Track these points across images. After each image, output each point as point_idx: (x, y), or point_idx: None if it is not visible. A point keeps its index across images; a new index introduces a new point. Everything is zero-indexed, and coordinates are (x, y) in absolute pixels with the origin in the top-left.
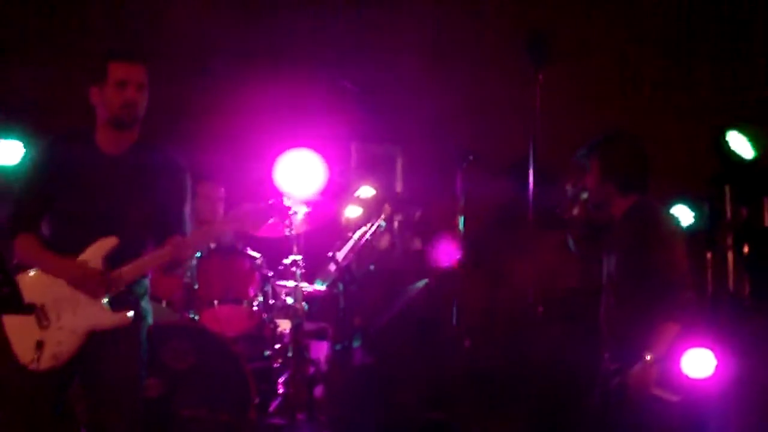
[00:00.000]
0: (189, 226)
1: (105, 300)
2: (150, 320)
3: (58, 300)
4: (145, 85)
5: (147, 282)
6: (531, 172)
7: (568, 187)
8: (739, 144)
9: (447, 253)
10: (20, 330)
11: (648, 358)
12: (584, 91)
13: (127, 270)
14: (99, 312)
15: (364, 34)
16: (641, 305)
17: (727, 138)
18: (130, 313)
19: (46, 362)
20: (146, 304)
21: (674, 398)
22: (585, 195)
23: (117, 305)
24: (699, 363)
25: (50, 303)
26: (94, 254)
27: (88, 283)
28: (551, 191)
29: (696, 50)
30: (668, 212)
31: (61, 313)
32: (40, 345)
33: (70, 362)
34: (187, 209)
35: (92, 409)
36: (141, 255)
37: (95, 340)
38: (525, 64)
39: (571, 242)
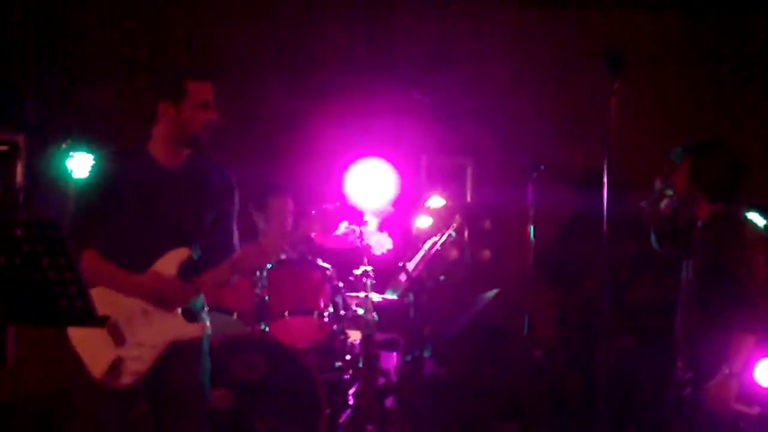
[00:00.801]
0: (237, 241)
1: (179, 312)
2: (210, 330)
3: (131, 316)
4: (211, 101)
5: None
6: (605, 183)
7: (658, 182)
8: None
9: None
10: (93, 347)
11: (726, 371)
12: (659, 103)
13: (206, 278)
14: (177, 324)
15: (436, 45)
16: (718, 314)
17: None
18: (207, 323)
19: (127, 378)
20: (205, 315)
21: (754, 412)
22: (671, 192)
23: (189, 316)
24: None
25: (123, 320)
26: (166, 266)
27: (168, 295)
28: (625, 203)
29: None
30: (752, 222)
31: (137, 329)
32: (117, 362)
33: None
34: (235, 224)
35: (157, 420)
36: (204, 265)
37: (171, 357)
38: (599, 75)
39: (653, 239)
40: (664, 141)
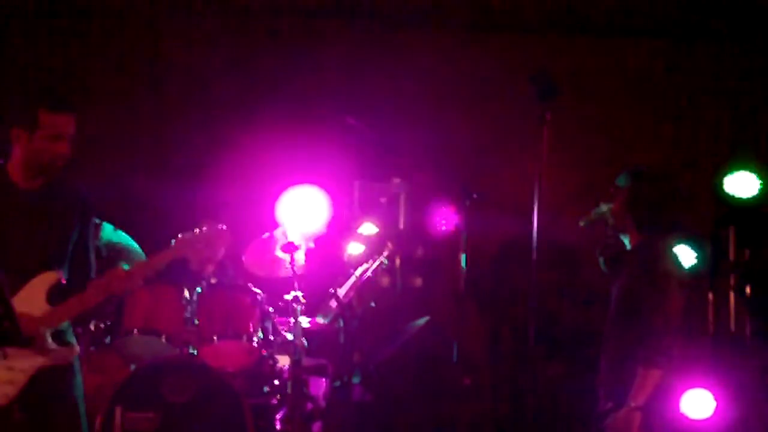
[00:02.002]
0: (94, 263)
1: (48, 337)
2: (78, 350)
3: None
4: (69, 135)
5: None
6: (536, 211)
7: (602, 204)
8: (740, 187)
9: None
10: None
11: (631, 405)
12: (590, 132)
13: (73, 303)
14: (45, 349)
15: (368, 73)
16: (629, 346)
17: (726, 182)
18: (76, 348)
19: None
20: (71, 335)
21: None
22: (611, 220)
23: (59, 341)
24: (698, 404)
25: None
26: (35, 289)
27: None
28: (555, 231)
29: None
30: (672, 255)
31: (8, 354)
32: None
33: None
34: (93, 245)
35: None
36: (69, 289)
37: (45, 379)
38: (531, 103)
39: (602, 262)
40: (596, 172)
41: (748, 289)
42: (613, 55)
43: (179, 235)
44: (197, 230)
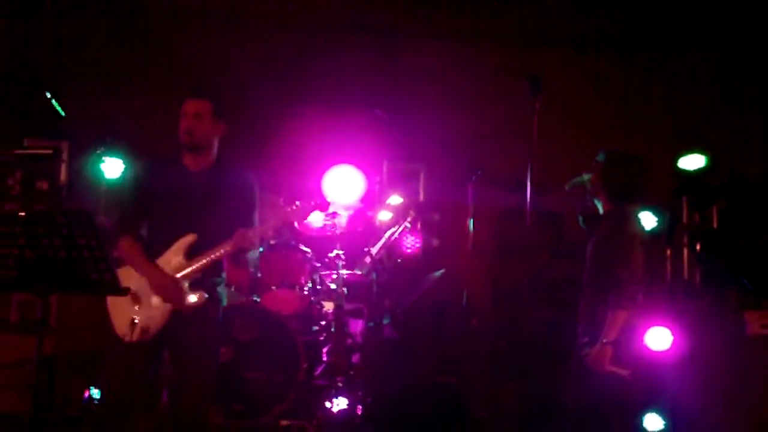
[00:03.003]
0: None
1: (186, 285)
2: (225, 302)
3: (147, 287)
4: (203, 114)
5: (224, 273)
6: (528, 184)
7: (584, 173)
8: (690, 164)
9: None
10: (120, 310)
11: (603, 340)
12: (573, 121)
13: (202, 262)
14: (182, 295)
15: (395, 73)
16: (602, 292)
17: (680, 161)
18: (204, 296)
19: (137, 335)
20: (222, 290)
21: (625, 373)
22: (589, 187)
23: (195, 288)
24: (659, 338)
25: (143, 289)
26: (177, 249)
27: (164, 291)
28: (544, 201)
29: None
30: (636, 219)
31: (151, 296)
32: (133, 322)
33: (160, 336)
34: (256, 214)
35: (176, 371)
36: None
37: (181, 319)
38: (522, 99)
39: (580, 219)
40: (576, 150)
41: (697, 246)
42: (589, 63)
43: (279, 209)
44: (292, 206)
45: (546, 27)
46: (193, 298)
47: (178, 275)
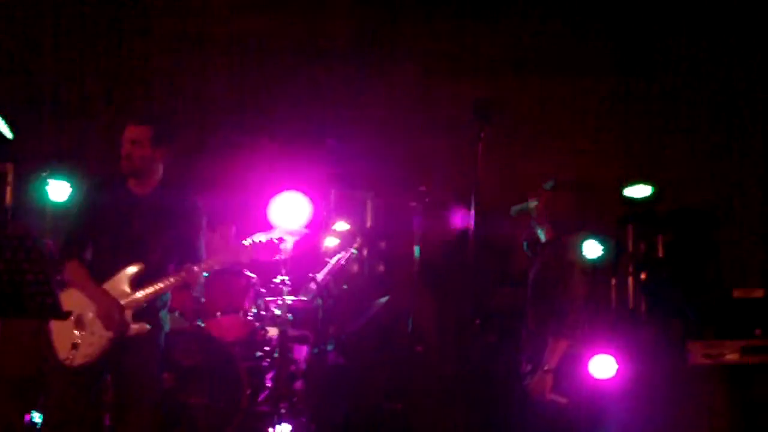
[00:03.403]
0: (203, 254)
1: (130, 313)
2: (167, 328)
3: (92, 311)
4: (142, 141)
5: (167, 297)
6: (472, 210)
7: (530, 200)
8: (638, 193)
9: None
10: (62, 333)
11: (545, 368)
12: (516, 148)
13: (147, 293)
14: (124, 324)
15: (344, 100)
16: (543, 320)
17: (627, 191)
18: (147, 326)
19: (79, 359)
20: (165, 315)
21: (564, 401)
22: (534, 214)
23: (139, 317)
24: (603, 367)
25: (86, 313)
26: (122, 277)
27: (108, 318)
28: (490, 227)
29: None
30: (578, 249)
31: (95, 321)
32: (75, 346)
33: (101, 361)
34: (202, 240)
35: (117, 396)
36: (161, 278)
37: (123, 344)
38: (471, 124)
39: (525, 246)
40: (526, 180)
41: (643, 275)
42: (541, 89)
43: (242, 244)
44: (254, 241)
45: (496, 52)
46: (134, 328)
47: (122, 303)
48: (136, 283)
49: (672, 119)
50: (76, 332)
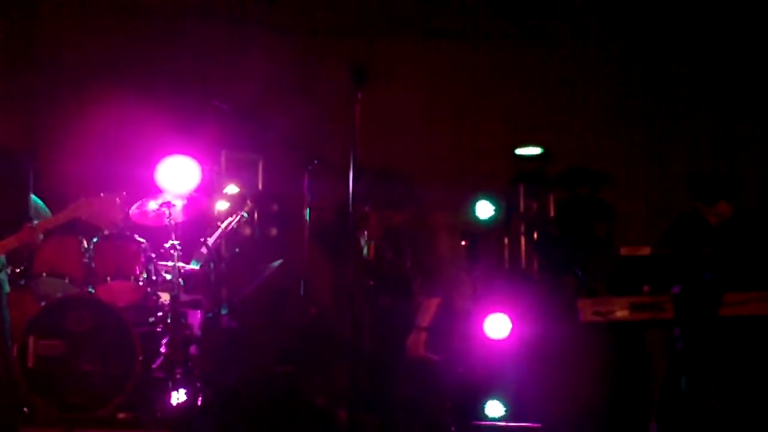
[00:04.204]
0: (30, 213)
1: None
2: (7, 288)
3: None
4: None
5: (2, 259)
6: (351, 173)
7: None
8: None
9: None
10: None
11: (420, 326)
12: (395, 111)
13: None
14: None
15: (234, 62)
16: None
17: (517, 151)
18: None
19: None
20: (3, 276)
21: (436, 358)
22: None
23: None
24: (498, 326)
25: None
26: None
27: None
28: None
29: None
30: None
31: None
32: None
33: None
34: (29, 199)
35: None
36: None
37: None
38: (349, 87)
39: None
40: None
41: (534, 235)
42: (430, 52)
43: (76, 200)
44: (91, 197)
45: (381, 15)
46: None
47: None
48: None
49: (562, 84)
50: None
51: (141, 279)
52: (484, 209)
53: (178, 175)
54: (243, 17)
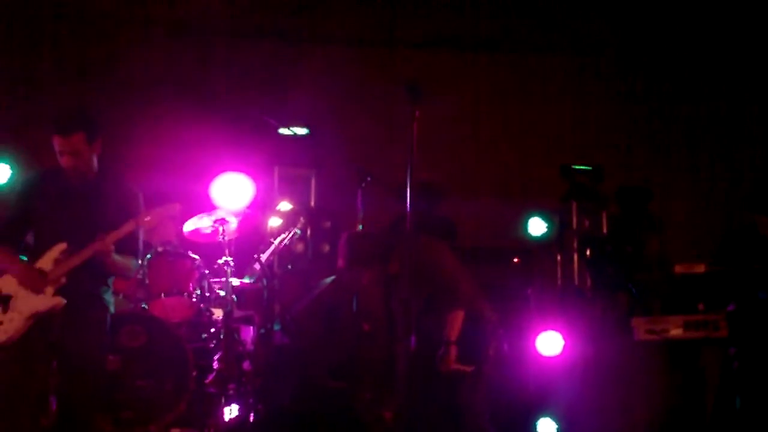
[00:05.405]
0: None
1: (51, 289)
2: (112, 310)
3: (19, 292)
4: (80, 149)
5: (110, 280)
6: (408, 189)
7: None
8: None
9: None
10: None
11: (448, 341)
12: (451, 131)
13: (62, 266)
14: (39, 300)
15: (287, 78)
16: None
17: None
18: (63, 300)
19: (1, 337)
20: (109, 297)
21: (469, 369)
22: None
23: (61, 293)
24: (550, 343)
25: (16, 296)
26: (48, 257)
27: (29, 282)
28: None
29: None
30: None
31: (18, 301)
32: None
33: (50, 348)
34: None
35: (63, 380)
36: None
37: (68, 327)
38: (405, 106)
39: None
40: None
41: (587, 252)
42: (482, 68)
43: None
44: (151, 210)
45: (438, 31)
46: (52, 302)
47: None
48: (59, 261)
49: (612, 99)
50: (3, 312)
51: (194, 295)
52: (537, 226)
53: (232, 192)
54: (294, 33)
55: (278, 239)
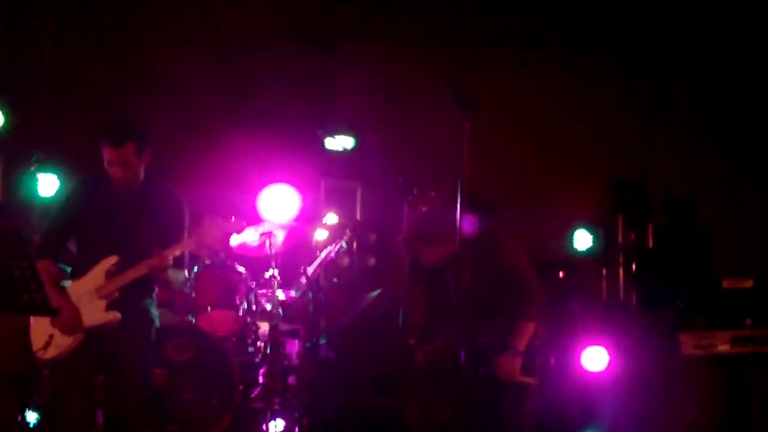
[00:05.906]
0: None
1: (103, 303)
2: (158, 323)
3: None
4: (130, 161)
5: (155, 293)
6: (458, 202)
7: None
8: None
9: None
10: (39, 326)
11: (515, 351)
12: (502, 141)
13: (116, 281)
14: (92, 313)
15: (334, 90)
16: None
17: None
18: (118, 315)
19: (51, 353)
20: (155, 310)
21: (534, 381)
22: None
23: (112, 308)
24: (595, 359)
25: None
26: (99, 270)
27: (64, 323)
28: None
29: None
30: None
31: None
32: (49, 340)
33: (97, 361)
34: (185, 233)
35: (110, 394)
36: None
37: (114, 341)
38: (455, 117)
39: None
40: (506, 169)
41: (633, 266)
42: (532, 77)
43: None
44: (212, 226)
45: (490, 44)
46: (106, 317)
47: (95, 292)
48: (113, 274)
49: (662, 112)
50: (53, 326)
51: (241, 308)
52: (583, 240)
53: (279, 204)
54: (341, 44)
55: (324, 252)
